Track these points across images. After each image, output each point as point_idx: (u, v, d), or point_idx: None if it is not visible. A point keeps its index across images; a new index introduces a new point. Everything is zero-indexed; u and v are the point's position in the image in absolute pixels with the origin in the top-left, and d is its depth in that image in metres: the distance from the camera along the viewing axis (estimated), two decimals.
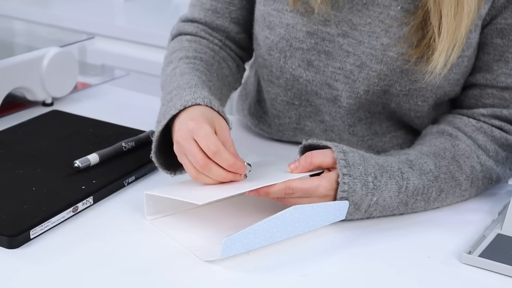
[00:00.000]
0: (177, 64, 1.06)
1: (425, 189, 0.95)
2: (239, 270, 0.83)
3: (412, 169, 0.95)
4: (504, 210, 0.97)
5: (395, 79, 1.02)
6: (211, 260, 0.83)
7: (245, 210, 0.95)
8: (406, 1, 1.00)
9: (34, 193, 0.94)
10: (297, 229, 0.87)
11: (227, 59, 1.14)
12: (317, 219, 0.89)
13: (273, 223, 0.84)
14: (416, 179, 0.95)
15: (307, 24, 1.04)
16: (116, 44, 2.18)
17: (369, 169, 0.92)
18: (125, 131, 1.14)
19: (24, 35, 1.74)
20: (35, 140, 1.10)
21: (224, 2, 1.14)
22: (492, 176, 1.02)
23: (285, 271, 0.83)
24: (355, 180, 0.90)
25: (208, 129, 0.89)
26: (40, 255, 0.84)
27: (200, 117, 0.91)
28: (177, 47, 1.12)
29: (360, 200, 0.91)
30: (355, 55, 1.03)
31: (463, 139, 1.01)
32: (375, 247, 0.89)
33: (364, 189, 0.91)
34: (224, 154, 0.88)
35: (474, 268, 0.85)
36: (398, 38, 1.00)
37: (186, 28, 1.16)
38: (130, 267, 0.82)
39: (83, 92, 1.37)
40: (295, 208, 0.85)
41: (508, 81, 1.02)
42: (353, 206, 0.91)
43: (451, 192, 0.98)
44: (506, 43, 1.01)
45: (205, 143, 0.88)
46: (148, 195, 0.91)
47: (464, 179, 0.98)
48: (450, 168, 0.98)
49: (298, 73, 1.07)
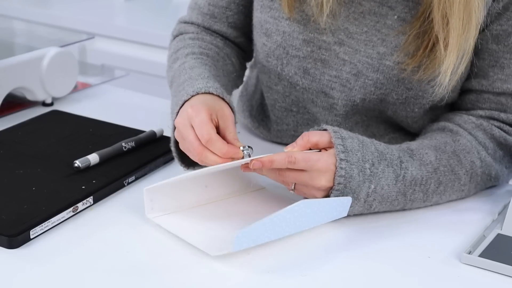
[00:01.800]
0: (184, 60, 1.07)
1: (423, 180, 0.95)
2: (239, 270, 0.83)
3: (412, 158, 0.95)
4: (504, 210, 0.97)
5: (392, 87, 1.02)
6: (220, 254, 0.83)
7: (248, 208, 0.95)
8: (403, 11, 1.00)
9: (34, 193, 0.94)
10: (304, 224, 0.88)
11: (231, 56, 1.15)
12: (322, 214, 0.89)
13: (283, 217, 0.84)
14: (415, 169, 0.94)
15: (304, 32, 1.04)
16: (116, 44, 2.18)
17: (367, 155, 0.92)
18: (125, 131, 1.14)
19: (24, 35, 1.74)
20: (35, 140, 1.10)
21: (221, 7, 1.14)
22: (491, 173, 1.02)
23: (285, 271, 0.83)
24: (352, 166, 0.90)
25: (204, 117, 0.91)
26: (40, 255, 0.84)
27: (199, 104, 0.93)
28: (180, 45, 1.12)
29: (358, 188, 0.91)
30: (351, 64, 1.03)
31: (464, 134, 1.01)
32: (375, 247, 0.89)
33: (361, 175, 0.91)
34: (217, 143, 0.89)
35: (474, 268, 0.85)
36: (394, 47, 1.00)
37: (187, 28, 1.16)
38: (130, 267, 0.82)
39: (83, 92, 1.37)
40: (303, 203, 0.86)
41: (504, 86, 1.02)
42: (352, 195, 0.91)
43: (450, 185, 0.98)
44: (502, 49, 1.01)
45: (199, 131, 0.90)
46: (148, 192, 0.91)
47: (463, 174, 0.98)
48: (450, 162, 0.98)
49: (295, 80, 1.07)
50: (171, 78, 1.08)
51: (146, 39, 2.12)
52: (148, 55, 2.12)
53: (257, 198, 0.98)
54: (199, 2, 1.16)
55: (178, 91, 1.00)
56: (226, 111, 0.94)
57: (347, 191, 0.90)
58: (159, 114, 1.27)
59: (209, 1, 1.14)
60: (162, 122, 1.16)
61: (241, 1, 1.14)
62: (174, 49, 1.13)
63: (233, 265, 0.83)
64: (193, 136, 0.91)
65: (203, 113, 0.91)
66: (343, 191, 0.90)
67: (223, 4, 1.14)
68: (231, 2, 1.14)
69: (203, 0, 1.15)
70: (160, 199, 0.92)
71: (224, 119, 0.93)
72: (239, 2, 1.14)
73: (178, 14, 1.21)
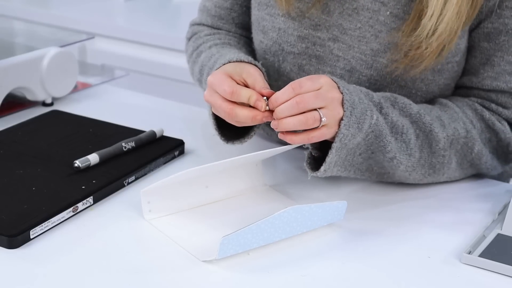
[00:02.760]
0: (209, 51, 1.09)
1: (404, 129, 0.95)
2: (238, 270, 0.83)
3: (393, 106, 0.96)
4: (504, 210, 0.97)
5: (385, 84, 1.03)
6: (208, 260, 0.83)
7: (245, 210, 0.95)
8: (395, 7, 1.00)
9: (34, 193, 0.94)
10: (295, 229, 0.87)
11: (248, 45, 1.16)
12: (315, 219, 0.89)
13: (270, 223, 0.84)
14: (394, 116, 0.95)
15: (298, 29, 1.05)
16: (116, 44, 2.18)
17: (359, 93, 0.93)
18: (125, 131, 1.14)
19: (24, 35, 1.74)
20: (35, 140, 1.10)
21: (226, 9, 1.17)
22: (473, 147, 1.01)
23: (284, 271, 0.83)
24: (352, 94, 0.90)
25: (221, 76, 0.92)
26: (40, 255, 0.84)
27: (218, 72, 0.94)
28: (200, 42, 1.15)
29: (362, 115, 0.90)
30: (345, 60, 1.03)
31: (453, 107, 1.02)
32: (375, 247, 0.89)
33: (361, 103, 0.91)
34: (242, 91, 0.90)
35: (474, 268, 0.85)
36: (387, 44, 1.00)
37: (200, 29, 1.19)
38: (130, 267, 0.82)
39: (83, 92, 1.37)
40: (292, 209, 0.85)
41: (494, 84, 1.02)
42: (356, 126, 0.90)
43: (428, 143, 0.97)
44: (493, 47, 1.01)
45: (220, 88, 0.91)
46: (144, 194, 0.91)
47: (443, 137, 0.98)
48: (433, 124, 0.97)
49: (291, 77, 1.08)
50: (199, 69, 1.10)
51: (146, 39, 2.12)
52: (148, 55, 2.12)
53: (259, 200, 0.98)
54: (207, 5, 1.19)
55: (210, 68, 1.01)
56: (251, 69, 0.94)
57: (352, 120, 0.89)
58: (159, 114, 1.27)
59: (215, 3, 1.17)
60: (162, 122, 1.16)
61: (244, 2, 1.16)
62: (194, 47, 1.16)
63: (232, 265, 0.83)
64: (220, 99, 0.91)
65: (220, 74, 0.92)
66: (349, 118, 0.89)
67: (227, 5, 1.16)
68: (234, 3, 1.16)
69: (210, 2, 1.18)
70: (158, 201, 0.92)
71: (250, 75, 0.93)
72: (241, 3, 1.16)
73: (178, 14, 1.22)
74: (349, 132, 0.89)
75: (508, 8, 0.99)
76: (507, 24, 0.99)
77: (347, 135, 0.89)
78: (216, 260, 0.83)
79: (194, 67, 1.13)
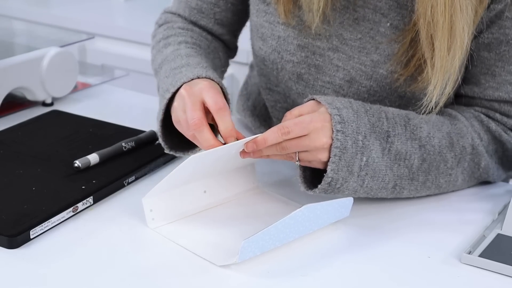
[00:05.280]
0: (178, 47, 1.06)
1: (407, 155, 0.94)
2: (238, 271, 0.83)
3: (405, 128, 0.95)
4: (504, 210, 0.97)
5: (385, 95, 1.02)
6: (226, 264, 0.83)
7: (246, 213, 0.95)
8: (396, 18, 1.00)
9: (34, 193, 0.94)
10: (308, 228, 0.88)
11: (218, 50, 1.14)
12: (325, 217, 0.89)
13: (287, 223, 0.84)
14: (400, 143, 0.94)
15: (298, 37, 1.04)
16: (116, 44, 2.18)
17: (361, 127, 0.91)
18: (125, 131, 1.14)
19: (24, 35, 1.74)
20: (35, 140, 1.10)
21: (209, 3, 1.13)
22: (480, 162, 1.01)
23: (285, 271, 0.83)
24: (346, 138, 0.90)
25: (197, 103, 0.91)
26: (40, 255, 0.84)
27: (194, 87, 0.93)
28: (170, 32, 1.11)
29: (351, 160, 0.90)
30: (345, 70, 1.03)
31: (462, 119, 1.01)
32: (375, 247, 0.89)
33: (354, 146, 0.90)
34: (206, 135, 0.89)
35: (474, 268, 0.85)
36: (387, 55, 1.00)
37: (173, 19, 1.15)
38: (130, 267, 0.82)
39: (83, 92, 1.37)
40: (306, 208, 0.85)
41: (496, 94, 1.02)
42: (346, 169, 0.90)
43: (435, 165, 0.97)
44: (493, 57, 1.00)
45: (190, 115, 0.90)
46: (146, 202, 0.90)
47: (451, 157, 0.98)
48: (442, 142, 0.97)
49: (289, 85, 1.07)
50: (160, 60, 1.07)
51: (146, 39, 2.09)
52: (148, 55, 2.10)
53: (257, 201, 0.98)
54: None
55: (174, 73, 0.99)
56: (210, 92, 0.93)
57: (342, 164, 0.89)
58: None
59: None
60: None
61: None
62: (163, 35, 1.12)
63: (233, 266, 0.83)
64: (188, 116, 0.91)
65: (196, 97, 0.91)
66: (338, 164, 0.89)
67: (212, 0, 1.13)
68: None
69: None
70: (160, 208, 0.91)
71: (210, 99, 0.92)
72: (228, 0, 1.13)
73: None
74: (339, 176, 0.90)
75: (508, 19, 0.98)
76: (508, 34, 0.99)
77: (337, 179, 0.91)
78: (213, 262, 0.83)
79: (157, 56, 1.10)
